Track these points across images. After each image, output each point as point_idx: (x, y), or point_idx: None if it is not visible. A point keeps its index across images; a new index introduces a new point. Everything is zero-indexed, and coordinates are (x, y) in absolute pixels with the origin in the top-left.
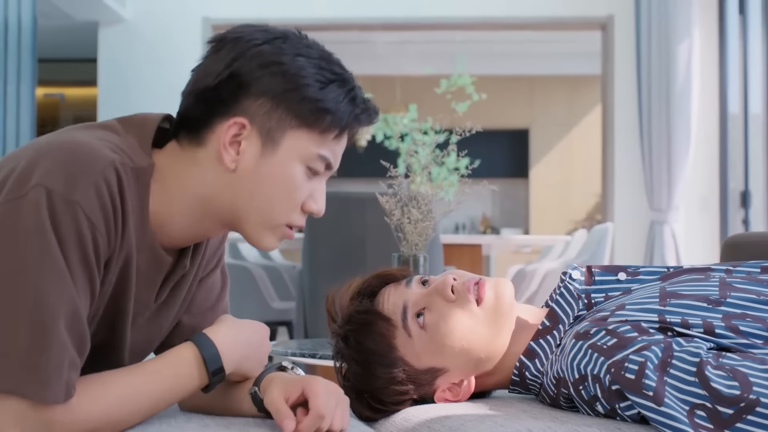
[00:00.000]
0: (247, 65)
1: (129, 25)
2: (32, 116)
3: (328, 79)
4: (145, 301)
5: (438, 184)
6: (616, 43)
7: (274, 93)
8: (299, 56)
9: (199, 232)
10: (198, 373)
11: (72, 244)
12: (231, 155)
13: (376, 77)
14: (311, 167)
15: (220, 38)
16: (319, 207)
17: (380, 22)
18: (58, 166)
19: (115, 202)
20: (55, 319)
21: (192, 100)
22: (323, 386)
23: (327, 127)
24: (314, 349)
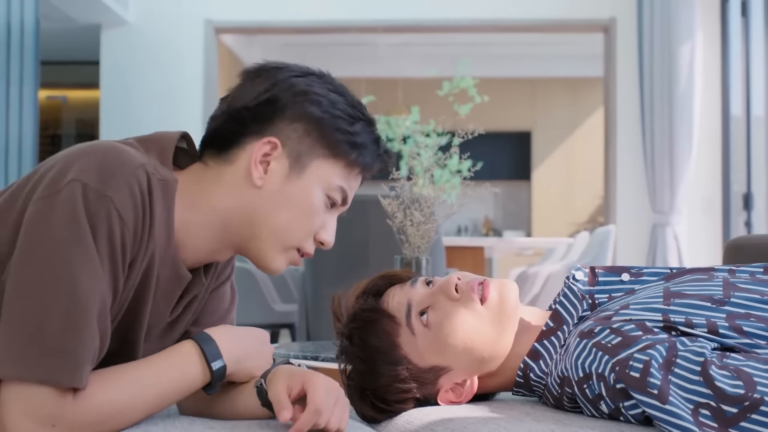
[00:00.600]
0: (287, 91)
1: (131, 27)
2: (35, 118)
3: (357, 117)
4: (161, 314)
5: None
6: (619, 45)
7: (308, 120)
8: (333, 92)
9: (211, 253)
10: (201, 368)
11: (102, 238)
12: (259, 172)
13: (378, 79)
14: (330, 197)
15: (258, 68)
16: (329, 237)
17: (382, 24)
18: (93, 164)
19: (145, 203)
20: (89, 306)
21: (224, 119)
22: (323, 382)
23: (353, 161)
24: (316, 352)
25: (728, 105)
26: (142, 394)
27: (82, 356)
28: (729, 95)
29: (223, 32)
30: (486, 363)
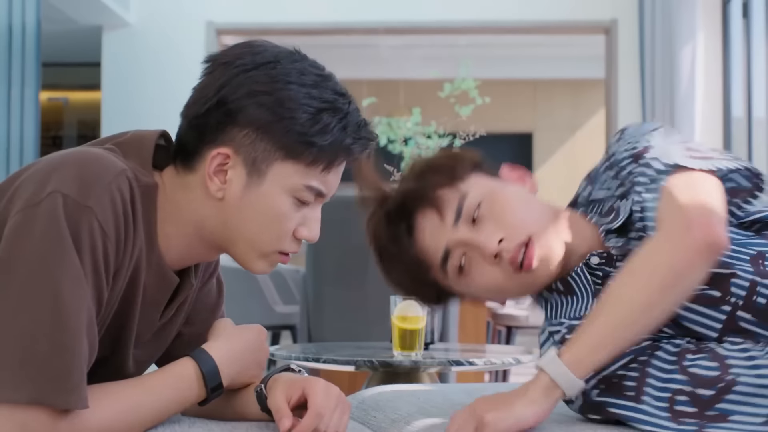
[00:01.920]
0: (235, 93)
1: (133, 29)
2: (36, 120)
3: (318, 108)
4: (150, 320)
5: None
6: (620, 47)
7: (259, 124)
8: (289, 84)
9: (194, 255)
10: (198, 387)
11: (85, 251)
12: (217, 184)
13: (380, 81)
14: (299, 198)
15: (212, 59)
16: (311, 234)
17: (384, 26)
18: (73, 174)
19: (127, 212)
20: (79, 323)
21: (185, 125)
22: (323, 387)
23: (313, 159)
24: (318, 354)
25: (729, 106)
26: (139, 414)
27: (75, 376)
28: (730, 97)
29: (224, 34)
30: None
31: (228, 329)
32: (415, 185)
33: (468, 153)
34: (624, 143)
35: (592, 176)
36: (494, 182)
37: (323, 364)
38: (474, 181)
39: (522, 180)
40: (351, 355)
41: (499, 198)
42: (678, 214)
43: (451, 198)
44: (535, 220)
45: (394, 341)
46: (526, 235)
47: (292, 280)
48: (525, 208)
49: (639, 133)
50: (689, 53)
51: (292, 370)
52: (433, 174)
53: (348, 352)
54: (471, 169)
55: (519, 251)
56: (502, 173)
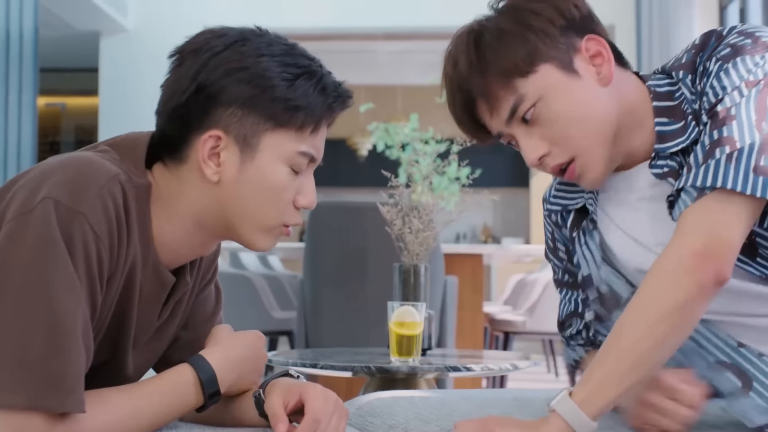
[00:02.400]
0: (212, 75)
1: (130, 34)
2: (34, 125)
3: (295, 74)
4: (149, 320)
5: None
6: None
7: (242, 100)
8: (262, 56)
9: (194, 249)
10: (195, 394)
11: (79, 256)
12: (212, 168)
13: (378, 87)
14: (293, 165)
15: (179, 51)
16: (309, 201)
17: (382, 31)
18: (65, 180)
19: (120, 216)
20: (73, 326)
21: (165, 118)
22: (321, 392)
23: (302, 123)
24: (315, 359)
25: None
26: (136, 420)
27: (72, 380)
28: None
29: None
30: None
31: (226, 335)
32: (475, 77)
33: (550, 17)
34: (723, 61)
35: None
36: (560, 78)
37: (320, 370)
38: (537, 77)
39: (597, 60)
40: (348, 361)
41: (555, 105)
42: (693, 247)
43: (507, 98)
44: (585, 136)
45: (392, 347)
46: (569, 156)
47: (290, 286)
48: (578, 123)
49: (743, 69)
50: None
51: (290, 375)
52: (496, 60)
53: (345, 357)
54: (539, 59)
55: (559, 168)
56: (580, 49)
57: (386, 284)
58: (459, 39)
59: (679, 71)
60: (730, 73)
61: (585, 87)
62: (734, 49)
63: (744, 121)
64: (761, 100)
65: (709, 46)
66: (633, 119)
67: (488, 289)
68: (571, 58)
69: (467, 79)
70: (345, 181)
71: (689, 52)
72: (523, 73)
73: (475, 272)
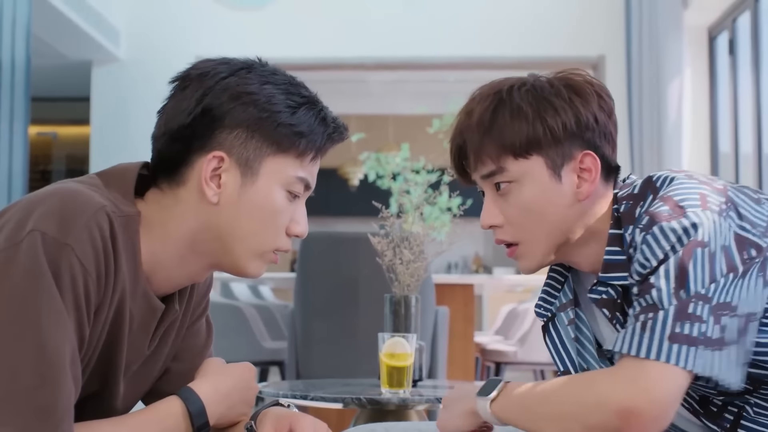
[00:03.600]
0: (218, 99)
1: (122, 64)
2: (25, 154)
3: (298, 103)
4: (139, 349)
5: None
6: (608, 83)
7: (248, 123)
8: (267, 84)
9: (188, 275)
10: (184, 426)
11: (66, 287)
12: (213, 189)
13: (369, 116)
14: (291, 190)
15: (184, 76)
16: (302, 229)
17: (374, 61)
18: (52, 212)
19: (107, 247)
20: (62, 358)
21: (166, 140)
22: (311, 423)
23: (303, 150)
24: (306, 391)
25: (717, 142)
26: None
27: (60, 412)
28: (717, 132)
29: None
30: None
31: (215, 367)
32: (476, 135)
33: (555, 119)
34: (644, 231)
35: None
36: (542, 174)
37: (311, 401)
38: (525, 163)
39: (585, 174)
40: (339, 392)
41: (526, 194)
42: (618, 401)
43: (491, 164)
44: (536, 231)
45: (382, 378)
46: (516, 239)
47: (281, 316)
48: (536, 218)
49: (662, 239)
50: (676, 89)
51: (281, 404)
52: (500, 133)
53: (336, 389)
54: (536, 150)
55: (502, 243)
56: (575, 158)
57: (377, 315)
58: (487, 94)
59: (626, 215)
60: (651, 244)
61: (559, 194)
62: (652, 219)
63: (663, 290)
64: (681, 268)
65: (646, 198)
66: (589, 234)
67: (479, 318)
68: (562, 164)
69: (470, 132)
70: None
71: (627, 203)
72: (516, 155)
73: (466, 302)
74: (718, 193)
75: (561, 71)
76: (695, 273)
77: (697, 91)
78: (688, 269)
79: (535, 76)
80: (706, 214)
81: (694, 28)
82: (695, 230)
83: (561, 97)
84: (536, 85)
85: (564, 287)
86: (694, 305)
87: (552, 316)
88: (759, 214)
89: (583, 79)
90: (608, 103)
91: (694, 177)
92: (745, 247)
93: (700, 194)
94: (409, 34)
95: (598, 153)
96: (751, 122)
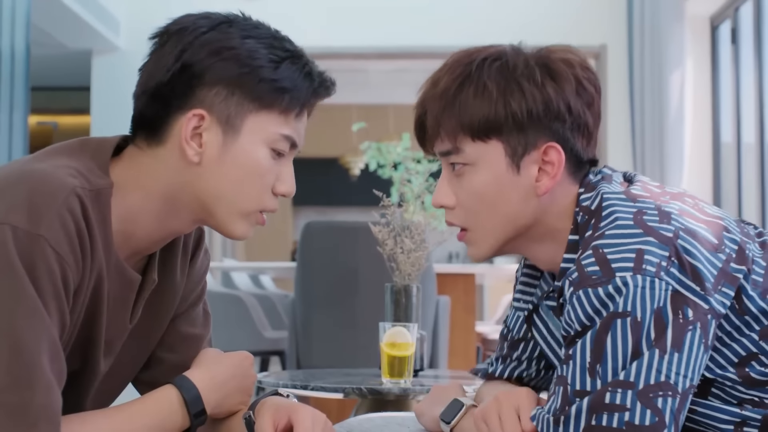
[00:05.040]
0: (197, 54)
1: (122, 53)
2: (25, 144)
3: (281, 57)
4: (121, 323)
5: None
6: (609, 73)
7: (228, 79)
8: (248, 38)
9: (168, 230)
10: (181, 414)
11: (43, 278)
12: (194, 148)
13: (370, 106)
14: (276, 148)
15: (162, 32)
16: (288, 188)
17: (374, 51)
18: (21, 201)
19: (81, 230)
20: (37, 356)
21: (146, 99)
22: (309, 414)
23: (287, 106)
24: (306, 381)
25: (719, 132)
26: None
27: (35, 412)
28: (719, 122)
29: None
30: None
31: (212, 356)
32: (437, 106)
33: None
34: (573, 288)
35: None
36: (500, 162)
37: (311, 391)
38: (482, 146)
39: (547, 167)
40: (339, 382)
41: (480, 179)
42: None
43: (447, 141)
44: (487, 220)
45: (383, 368)
46: (465, 224)
47: (281, 305)
48: (488, 207)
49: (587, 304)
50: (678, 78)
51: (280, 394)
52: (462, 110)
53: (336, 379)
54: (495, 134)
55: (451, 225)
56: (539, 148)
57: (378, 304)
58: (458, 64)
59: (582, 229)
60: (576, 308)
61: (515, 186)
62: (580, 279)
63: (578, 364)
64: (597, 342)
65: (588, 229)
66: (546, 232)
67: (480, 308)
68: (523, 153)
69: (432, 102)
70: (337, 201)
71: (584, 216)
72: (474, 136)
73: (467, 292)
74: (661, 244)
75: (548, 48)
76: (613, 349)
77: (699, 81)
78: (606, 344)
79: (515, 50)
80: (635, 280)
81: (696, 17)
82: (619, 296)
83: (532, 80)
84: (510, 62)
85: (543, 274)
86: (612, 394)
87: (535, 306)
88: (710, 267)
89: (563, 60)
90: (589, 92)
91: (644, 213)
92: (681, 307)
93: (637, 251)
94: (409, 23)
95: (565, 146)
96: (754, 112)
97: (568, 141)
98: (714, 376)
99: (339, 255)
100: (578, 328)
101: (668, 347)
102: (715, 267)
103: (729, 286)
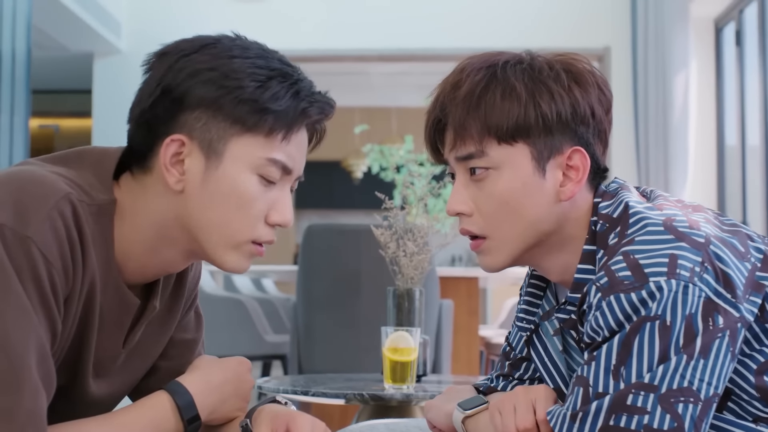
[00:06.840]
0: (177, 77)
1: (124, 56)
2: (26, 147)
3: (266, 75)
4: (114, 344)
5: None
6: (613, 75)
7: (208, 101)
8: (232, 58)
9: (160, 265)
10: (174, 420)
11: (29, 281)
12: (175, 176)
13: (372, 108)
14: (264, 175)
15: (150, 58)
16: (283, 218)
17: (376, 53)
18: (10, 201)
19: (72, 236)
20: (25, 358)
21: (132, 127)
22: (308, 422)
23: (270, 128)
24: (307, 386)
25: (723, 134)
26: None
27: (23, 416)
28: (723, 124)
29: None
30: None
31: (207, 362)
32: (461, 111)
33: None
34: (601, 294)
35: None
36: (525, 166)
37: (312, 397)
38: (508, 150)
39: (571, 172)
40: (341, 387)
41: (504, 184)
42: None
43: (471, 145)
44: (508, 228)
45: (385, 373)
46: (484, 232)
47: (283, 309)
48: (510, 213)
49: (617, 309)
50: (682, 80)
51: (278, 402)
52: (487, 113)
53: (338, 384)
54: (522, 137)
55: (468, 233)
56: (563, 153)
57: (380, 308)
58: (479, 68)
59: (601, 238)
60: (605, 313)
61: (539, 190)
62: (611, 285)
63: (602, 365)
64: (625, 344)
65: (616, 229)
66: (563, 240)
67: (484, 312)
68: (549, 157)
69: (454, 106)
70: (340, 203)
71: (604, 225)
72: (500, 139)
73: (470, 295)
74: (695, 249)
75: (561, 54)
76: (640, 351)
77: (703, 83)
78: (633, 346)
79: (532, 55)
80: (670, 284)
81: (700, 19)
82: (652, 301)
83: (560, 83)
84: (534, 65)
85: (546, 293)
86: (634, 396)
87: (536, 327)
88: (740, 274)
89: (584, 67)
90: (608, 98)
91: (674, 220)
92: (711, 314)
93: (670, 256)
94: (411, 26)
95: (589, 151)
96: (758, 114)
97: (591, 146)
98: (732, 386)
99: (341, 258)
100: (607, 334)
101: (696, 353)
102: (743, 275)
103: (756, 294)
